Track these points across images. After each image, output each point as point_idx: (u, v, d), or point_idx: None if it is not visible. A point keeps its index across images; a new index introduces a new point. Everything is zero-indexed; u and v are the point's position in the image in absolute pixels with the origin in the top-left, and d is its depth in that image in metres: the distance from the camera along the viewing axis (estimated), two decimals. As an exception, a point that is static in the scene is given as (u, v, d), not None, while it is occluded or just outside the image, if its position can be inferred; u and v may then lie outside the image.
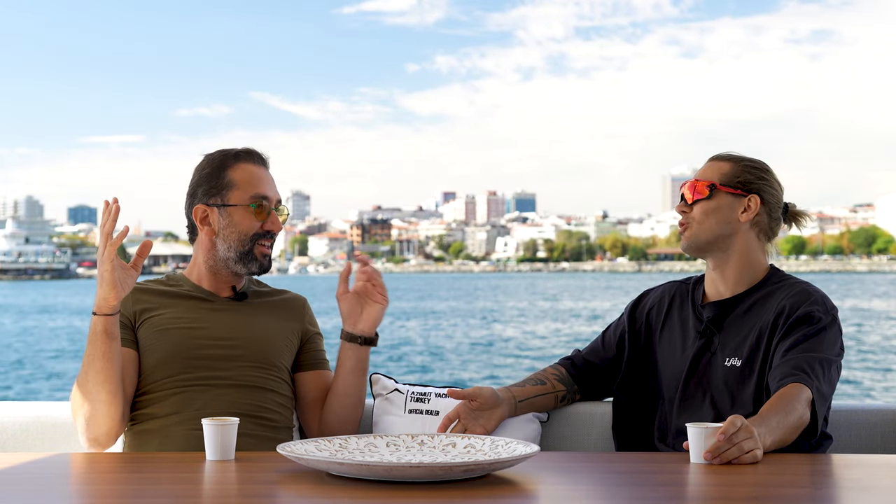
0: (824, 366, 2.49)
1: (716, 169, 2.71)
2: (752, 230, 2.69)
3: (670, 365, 2.71)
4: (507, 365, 25.10)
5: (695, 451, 2.19)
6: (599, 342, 2.90)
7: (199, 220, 2.70)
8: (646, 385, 2.77)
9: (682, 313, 2.76)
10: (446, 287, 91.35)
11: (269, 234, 2.70)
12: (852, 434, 2.81)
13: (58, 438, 2.79)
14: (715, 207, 2.67)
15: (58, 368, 24.74)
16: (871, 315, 42.75)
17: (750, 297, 2.67)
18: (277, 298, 2.82)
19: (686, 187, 2.72)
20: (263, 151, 2.76)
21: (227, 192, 2.68)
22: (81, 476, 2.17)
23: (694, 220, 2.68)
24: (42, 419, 2.82)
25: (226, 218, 2.67)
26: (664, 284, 2.89)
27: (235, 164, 2.70)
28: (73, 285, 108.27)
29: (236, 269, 2.68)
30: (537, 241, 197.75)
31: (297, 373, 2.78)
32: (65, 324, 42.26)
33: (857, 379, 21.38)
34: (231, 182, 2.68)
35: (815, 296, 2.61)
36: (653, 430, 2.72)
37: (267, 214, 2.69)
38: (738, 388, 2.58)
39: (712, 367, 2.63)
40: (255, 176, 2.70)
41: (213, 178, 2.69)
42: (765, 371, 2.57)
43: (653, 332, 2.80)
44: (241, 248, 2.67)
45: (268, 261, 2.72)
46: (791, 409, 2.37)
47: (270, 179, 2.74)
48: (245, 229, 2.67)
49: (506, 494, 1.93)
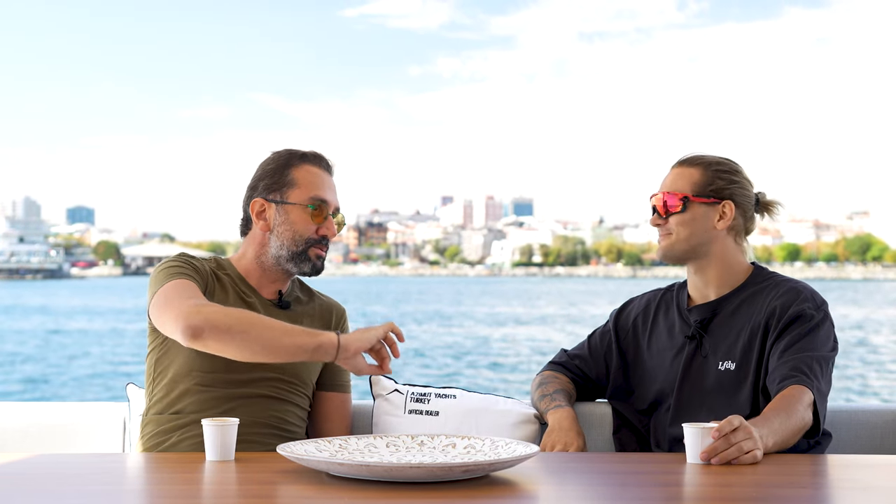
0: (822, 364, 2.50)
1: (686, 177, 2.66)
2: (728, 234, 2.68)
3: (662, 371, 2.71)
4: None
5: (691, 452, 2.18)
6: (586, 350, 2.89)
7: (255, 214, 2.68)
8: (638, 394, 2.77)
9: (668, 319, 2.75)
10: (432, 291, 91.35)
11: (323, 240, 2.67)
12: (852, 434, 2.82)
13: (57, 438, 2.79)
14: (690, 219, 2.64)
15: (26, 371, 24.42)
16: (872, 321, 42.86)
17: (736, 298, 2.66)
18: (317, 306, 2.78)
19: (656, 200, 2.68)
20: (331, 158, 2.74)
21: (287, 189, 2.66)
22: (81, 476, 2.17)
23: (670, 232, 2.66)
24: (42, 419, 2.82)
25: (282, 215, 2.66)
26: (648, 292, 2.87)
27: (300, 164, 2.69)
28: (63, 286, 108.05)
29: (287, 267, 2.66)
30: (533, 245, 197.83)
31: (318, 390, 2.77)
32: (31, 326, 41.85)
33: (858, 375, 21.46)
34: (293, 180, 2.67)
35: (805, 293, 2.60)
36: (649, 439, 2.73)
37: (324, 218, 2.66)
38: (734, 392, 2.58)
39: (705, 371, 2.63)
40: (318, 178, 2.68)
41: (276, 175, 2.68)
42: (759, 373, 2.56)
43: (640, 341, 2.79)
44: (294, 247, 2.65)
45: (321, 263, 2.69)
46: (793, 410, 2.37)
47: (332, 185, 2.72)
48: (300, 229, 2.65)
49: (506, 495, 1.93)
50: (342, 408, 2.79)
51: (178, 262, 2.60)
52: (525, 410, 2.85)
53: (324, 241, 2.68)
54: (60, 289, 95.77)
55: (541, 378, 2.90)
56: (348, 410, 2.82)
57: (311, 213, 2.65)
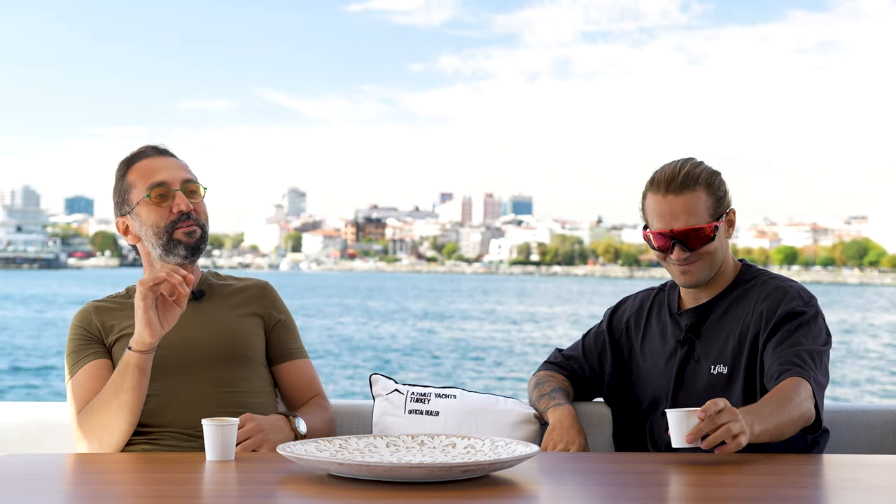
0: (815, 357, 2.48)
1: (701, 202, 2.56)
2: (727, 238, 2.66)
3: (656, 375, 2.70)
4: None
5: (676, 436, 2.16)
6: (580, 350, 2.89)
7: (123, 234, 2.69)
8: (633, 396, 2.76)
9: (660, 321, 2.74)
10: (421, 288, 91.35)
11: (183, 216, 2.61)
12: (852, 434, 2.82)
13: (58, 438, 2.78)
14: (718, 244, 2.60)
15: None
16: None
17: (725, 300, 2.64)
18: (238, 288, 2.77)
19: (681, 235, 2.55)
20: (160, 142, 2.71)
21: (128, 195, 2.65)
22: (81, 476, 2.17)
23: (699, 262, 2.59)
24: (42, 419, 2.82)
25: (137, 220, 2.64)
26: (641, 292, 2.86)
27: (130, 167, 2.67)
28: (59, 275, 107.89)
29: (170, 260, 2.62)
30: (531, 244, 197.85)
31: (272, 366, 2.76)
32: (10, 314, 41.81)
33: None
34: (129, 184, 2.65)
35: (792, 291, 2.58)
36: (646, 441, 2.73)
37: (170, 198, 2.61)
38: (727, 395, 2.56)
39: (698, 376, 2.62)
40: (147, 168, 2.65)
41: (117, 188, 2.69)
42: (751, 375, 2.56)
43: (633, 343, 2.79)
44: (161, 240, 2.61)
45: (196, 238, 2.62)
46: (787, 400, 2.34)
47: (169, 164, 2.66)
48: (155, 221, 2.61)
49: (506, 495, 1.93)
50: (303, 374, 2.77)
51: (72, 341, 2.65)
52: (525, 410, 2.85)
53: (183, 217, 2.61)
54: (57, 279, 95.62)
55: (537, 378, 2.90)
56: (312, 374, 2.79)
57: (154, 200, 2.61)
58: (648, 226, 2.63)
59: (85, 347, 2.63)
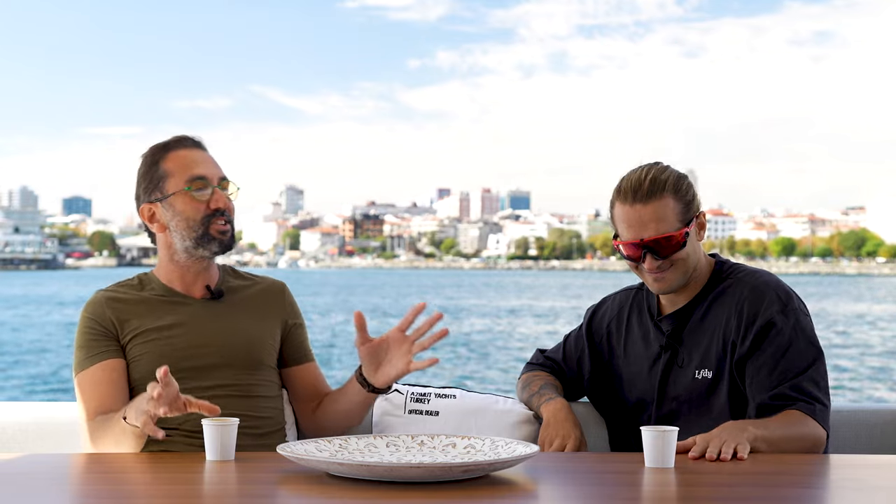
0: (815, 381, 2.47)
1: (669, 209, 2.52)
2: (699, 241, 2.63)
3: (640, 380, 2.68)
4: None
5: (650, 456, 2.15)
6: (561, 354, 2.87)
7: (147, 220, 2.65)
8: (618, 398, 2.74)
9: (641, 325, 2.72)
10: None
11: (218, 213, 2.60)
12: (852, 434, 2.82)
13: (58, 438, 2.78)
14: (690, 249, 2.56)
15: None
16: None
17: (704, 301, 2.61)
18: (255, 290, 2.75)
19: (651, 243, 2.51)
20: (196, 135, 2.69)
21: (163, 183, 2.61)
22: (81, 476, 2.17)
23: (672, 268, 2.55)
24: (42, 419, 2.82)
25: (169, 209, 2.61)
26: (619, 293, 2.83)
27: (167, 155, 2.63)
28: (57, 276, 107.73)
29: (198, 254, 2.61)
30: (529, 238, 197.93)
31: (283, 368, 2.75)
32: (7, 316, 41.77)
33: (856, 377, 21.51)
34: (165, 172, 2.62)
35: (769, 293, 2.54)
36: (641, 440, 2.72)
37: (210, 193, 2.60)
38: (713, 399, 2.56)
39: (684, 381, 2.60)
40: (187, 159, 2.62)
41: (149, 175, 2.64)
42: (734, 379, 2.53)
43: (615, 348, 2.76)
44: (194, 233, 2.59)
45: (228, 238, 2.62)
46: (791, 425, 2.40)
47: (208, 159, 2.65)
48: (191, 214, 2.59)
49: (506, 494, 1.93)
50: (317, 375, 2.77)
51: (83, 333, 2.60)
52: (525, 410, 2.85)
53: (218, 213, 2.61)
54: (55, 279, 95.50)
55: (523, 380, 2.88)
56: (319, 376, 2.79)
57: (193, 193, 2.60)
58: (618, 235, 2.59)
59: (97, 343, 2.58)
